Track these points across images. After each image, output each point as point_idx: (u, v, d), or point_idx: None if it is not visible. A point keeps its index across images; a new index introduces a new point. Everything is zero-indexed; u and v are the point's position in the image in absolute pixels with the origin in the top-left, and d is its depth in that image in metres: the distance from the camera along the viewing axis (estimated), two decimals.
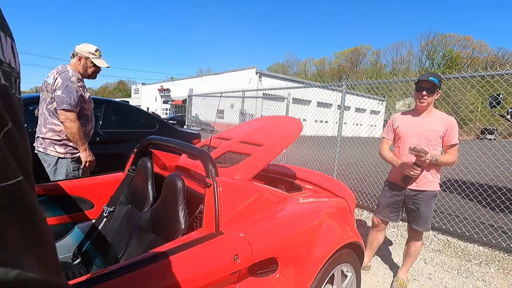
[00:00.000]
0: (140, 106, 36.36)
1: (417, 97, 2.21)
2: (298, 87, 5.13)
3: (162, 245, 1.12)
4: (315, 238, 1.50)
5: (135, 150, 2.04)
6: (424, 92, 2.14)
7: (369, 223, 3.60)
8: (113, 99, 4.29)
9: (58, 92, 2.22)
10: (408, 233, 2.39)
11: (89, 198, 1.99)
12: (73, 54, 2.42)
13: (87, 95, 2.44)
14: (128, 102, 5.27)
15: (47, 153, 2.34)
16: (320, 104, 5.54)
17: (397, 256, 2.99)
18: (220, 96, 6.89)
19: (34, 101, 3.54)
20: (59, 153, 2.36)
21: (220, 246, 1.14)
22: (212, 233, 1.19)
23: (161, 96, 35.28)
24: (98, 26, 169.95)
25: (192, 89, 8.13)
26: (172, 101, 31.82)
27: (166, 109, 34.65)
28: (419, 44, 57.01)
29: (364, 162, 6.73)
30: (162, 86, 35.21)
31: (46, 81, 2.32)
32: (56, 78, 2.25)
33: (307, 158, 6.88)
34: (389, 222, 2.53)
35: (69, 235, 1.87)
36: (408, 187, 2.24)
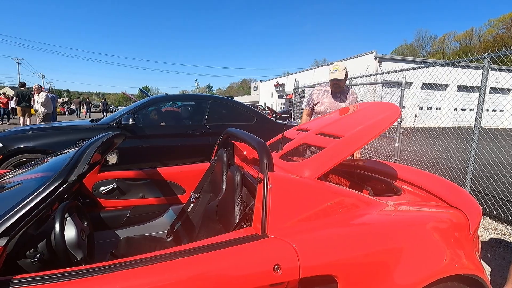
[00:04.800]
0: (258, 102, 39.35)
1: None
2: (414, 68, 4.18)
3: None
4: (398, 260, 1.13)
5: (217, 142, 2.13)
6: None
7: None
8: (218, 95, 4.73)
9: None
10: None
11: (181, 184, 2.22)
12: None
13: (321, 101, 3.08)
14: (233, 97, 5.71)
15: None
16: (462, 88, 4.37)
17: None
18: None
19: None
20: None
21: (259, 251, 1.00)
22: (257, 234, 1.07)
23: (277, 91, 36.93)
24: (225, 28, 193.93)
25: (298, 82, 8.05)
26: (286, 95, 32.78)
27: (281, 104, 36.05)
28: None
29: None
30: (277, 81, 36.80)
31: None
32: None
33: (437, 154, 5.63)
34: None
35: (165, 215, 2.14)
36: None
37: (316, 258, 1.03)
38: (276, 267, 0.96)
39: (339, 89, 3.00)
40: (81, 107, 24.87)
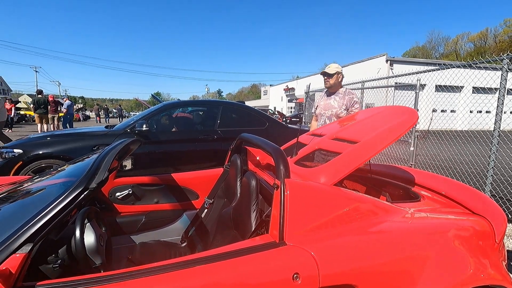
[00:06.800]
0: (268, 106, 39.36)
1: None
2: (429, 70, 4.09)
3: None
4: (421, 270, 1.09)
5: (231, 148, 2.13)
6: None
7: None
8: (229, 101, 4.76)
9: None
10: None
11: (195, 190, 2.23)
12: None
13: (318, 104, 3.12)
14: (244, 102, 5.74)
15: None
16: (478, 90, 4.28)
17: None
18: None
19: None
20: None
21: (278, 259, 0.99)
22: (274, 242, 1.05)
23: (286, 95, 36.89)
24: (234, 33, 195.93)
25: (309, 86, 8.01)
26: (296, 99, 32.71)
27: (291, 108, 35.98)
28: None
29: None
30: (287, 85, 36.77)
31: None
32: None
33: (454, 158, 5.47)
34: None
35: (179, 220, 2.15)
36: None
37: (336, 267, 1.00)
38: (295, 275, 0.94)
39: (333, 88, 2.96)
40: (100, 113, 26.06)
